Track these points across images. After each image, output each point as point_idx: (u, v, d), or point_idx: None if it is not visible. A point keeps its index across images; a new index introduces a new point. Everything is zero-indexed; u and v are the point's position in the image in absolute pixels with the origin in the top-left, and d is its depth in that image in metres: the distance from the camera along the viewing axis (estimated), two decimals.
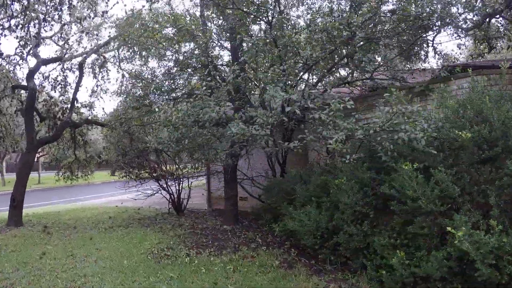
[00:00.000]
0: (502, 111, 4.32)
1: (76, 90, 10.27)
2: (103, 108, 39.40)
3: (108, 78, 12.88)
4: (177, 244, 6.64)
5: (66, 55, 10.24)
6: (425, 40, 7.92)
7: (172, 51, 8.22)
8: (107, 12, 9.52)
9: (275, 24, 6.49)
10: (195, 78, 7.02)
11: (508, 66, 5.09)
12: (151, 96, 7.85)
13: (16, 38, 9.32)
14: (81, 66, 10.34)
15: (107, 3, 9.32)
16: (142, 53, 8.76)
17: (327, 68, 7.73)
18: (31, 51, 9.31)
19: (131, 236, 7.59)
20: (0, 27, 8.03)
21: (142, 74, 8.68)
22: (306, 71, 7.10)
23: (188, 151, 6.48)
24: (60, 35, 10.04)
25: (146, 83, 8.17)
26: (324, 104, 4.71)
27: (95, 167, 16.21)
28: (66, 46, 10.45)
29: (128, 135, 10.06)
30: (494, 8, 6.98)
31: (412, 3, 6.34)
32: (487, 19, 9.49)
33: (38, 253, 6.34)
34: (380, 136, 4.29)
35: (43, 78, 10.80)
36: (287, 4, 8.94)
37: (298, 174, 6.50)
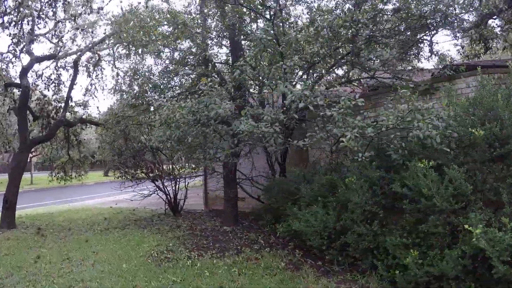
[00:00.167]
0: None
1: (71, 89, 10.01)
2: (97, 107, 38.74)
3: (102, 76, 12.57)
4: (177, 246, 6.45)
5: (60, 53, 9.97)
6: (423, 39, 7.86)
7: (170, 48, 8.04)
8: (102, 9, 9.29)
9: (277, 21, 6.36)
10: (194, 74, 6.82)
11: None
12: (151, 94, 7.64)
13: (9, 36, 9.07)
14: (75, 64, 10.07)
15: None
16: (139, 50, 8.57)
17: (327, 67, 7.62)
18: (25, 48, 9.04)
19: (128, 238, 7.38)
20: None
21: (139, 72, 8.48)
22: (309, 69, 6.97)
23: (189, 150, 6.29)
24: (54, 32, 9.78)
25: (144, 80, 7.96)
26: (332, 102, 4.59)
27: (88, 167, 15.93)
28: (60, 44, 10.17)
29: (123, 134, 9.82)
30: (497, 8, 6.91)
31: (416, 1, 6.25)
32: (485, 20, 9.47)
33: (33, 256, 6.10)
34: (391, 134, 4.17)
35: (37, 76, 10.52)
36: (286, 3, 8.82)
37: (302, 174, 6.36)
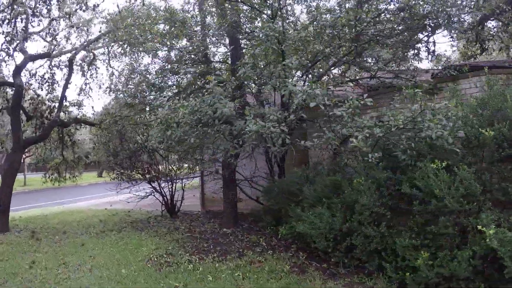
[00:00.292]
0: None
1: (65, 88, 9.79)
2: (92, 107, 38.23)
3: (97, 75, 12.32)
4: (176, 250, 6.29)
5: (55, 51, 9.74)
6: (423, 40, 7.80)
7: (167, 46, 7.87)
8: (98, 6, 9.08)
9: (276, 20, 6.24)
10: (197, 72, 6.66)
11: None
12: (149, 93, 7.46)
13: (2, 34, 8.84)
14: (70, 62, 9.85)
15: None
16: (135, 49, 8.39)
17: (328, 66, 7.50)
18: (18, 46, 8.80)
19: (126, 241, 7.19)
20: None
21: (136, 70, 8.29)
22: (310, 68, 6.85)
23: (191, 151, 6.13)
24: (48, 30, 9.55)
25: (142, 79, 7.78)
26: (338, 102, 4.47)
27: (83, 169, 15.67)
28: (54, 42, 9.95)
29: (119, 134, 9.63)
30: (500, 8, 6.87)
31: (421, 1, 6.18)
32: (483, 21, 9.46)
33: (28, 262, 5.89)
34: (401, 134, 4.08)
35: (30, 75, 10.29)
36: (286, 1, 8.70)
37: (304, 175, 6.25)
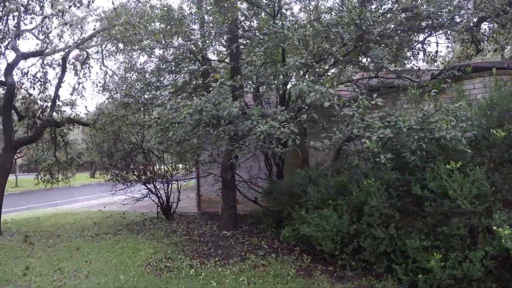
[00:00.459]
0: None
1: (58, 87, 9.51)
2: (85, 107, 37.58)
3: (90, 75, 12.08)
4: (176, 254, 6.10)
5: (47, 50, 9.47)
6: (423, 41, 7.75)
7: (163, 45, 7.69)
8: (93, 1, 8.84)
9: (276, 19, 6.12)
10: (195, 68, 6.48)
11: None
12: (149, 92, 7.27)
13: None
14: (64, 61, 9.58)
15: None
16: (130, 46, 8.20)
17: (326, 66, 7.40)
18: (10, 44, 8.52)
19: (122, 245, 6.98)
20: None
21: (133, 68, 8.10)
22: (311, 67, 6.73)
23: (192, 151, 5.96)
24: (41, 28, 9.28)
25: (139, 78, 7.59)
26: (345, 101, 4.36)
27: (76, 169, 15.38)
28: (47, 41, 9.67)
29: (114, 135, 9.40)
30: (502, 7, 6.83)
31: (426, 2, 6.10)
32: (481, 22, 9.44)
33: (21, 268, 5.64)
34: (410, 134, 3.97)
35: (22, 74, 9.99)
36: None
37: (307, 176, 6.11)
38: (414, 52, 8.06)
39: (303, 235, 5.28)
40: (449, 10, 6.04)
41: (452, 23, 6.43)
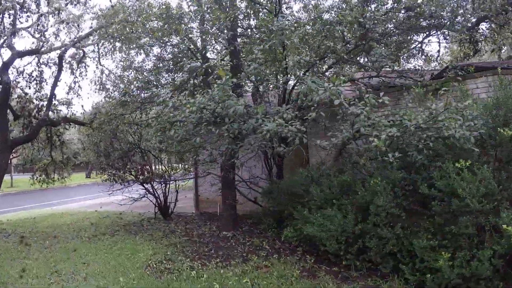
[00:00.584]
0: None
1: (55, 86, 9.38)
2: (82, 106, 37.28)
3: (86, 74, 11.93)
4: (176, 255, 5.99)
5: (43, 48, 9.32)
6: (422, 41, 7.71)
7: (163, 42, 7.59)
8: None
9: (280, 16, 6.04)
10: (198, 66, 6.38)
11: None
12: (146, 90, 7.16)
13: None
14: (60, 59, 9.44)
15: None
16: (127, 45, 8.08)
17: (326, 65, 7.33)
18: (6, 42, 8.38)
19: (120, 246, 6.85)
20: None
21: (132, 66, 7.99)
22: (313, 66, 6.66)
23: (192, 150, 5.86)
24: (37, 26, 9.14)
25: (136, 76, 7.48)
26: (350, 100, 4.29)
27: (72, 169, 15.24)
28: (43, 39, 9.53)
29: (112, 134, 9.27)
30: (503, 6, 6.82)
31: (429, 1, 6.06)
32: (478, 22, 9.44)
33: (17, 270, 5.50)
34: (417, 133, 3.91)
35: (18, 73, 9.84)
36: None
37: (309, 175, 6.03)
38: (413, 52, 8.04)
39: (306, 235, 5.21)
40: (451, 9, 6.01)
41: (454, 22, 6.40)
